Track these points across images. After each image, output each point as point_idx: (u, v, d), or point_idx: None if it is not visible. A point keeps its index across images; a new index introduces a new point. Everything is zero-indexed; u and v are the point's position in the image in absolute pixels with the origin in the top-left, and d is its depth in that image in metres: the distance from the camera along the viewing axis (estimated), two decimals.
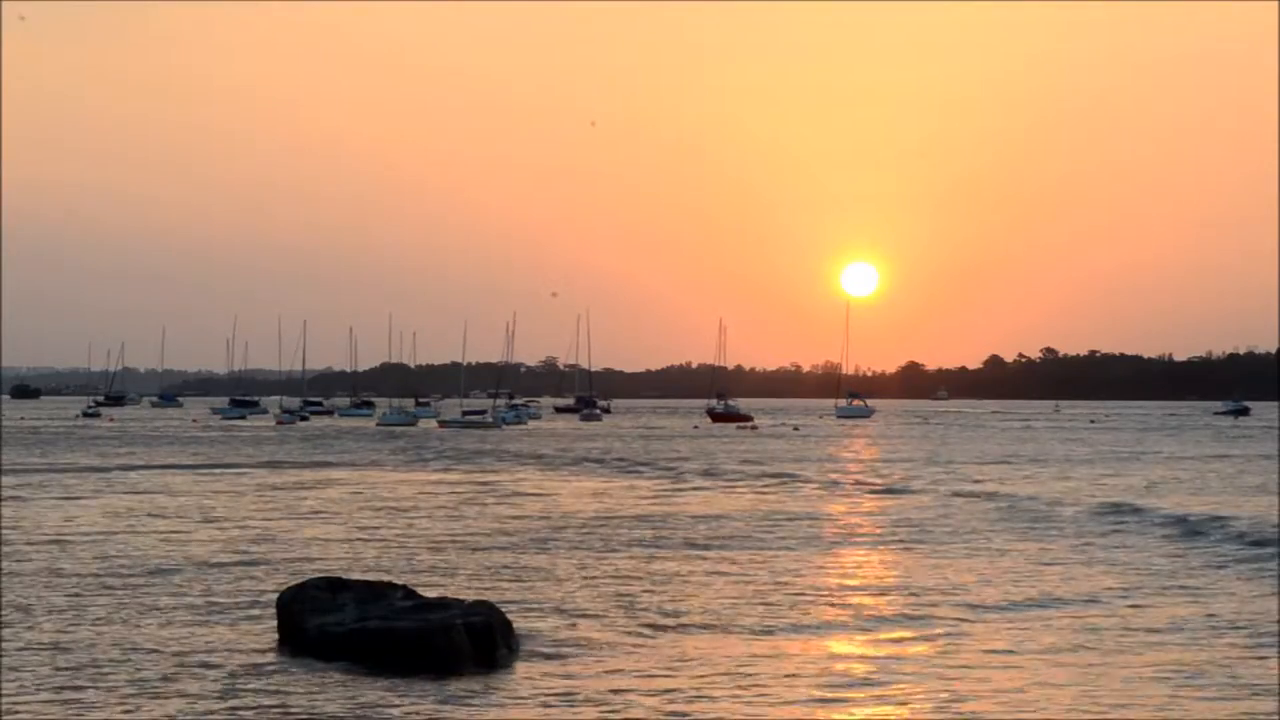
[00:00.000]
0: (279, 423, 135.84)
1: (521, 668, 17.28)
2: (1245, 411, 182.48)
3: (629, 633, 19.81)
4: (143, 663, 17.46)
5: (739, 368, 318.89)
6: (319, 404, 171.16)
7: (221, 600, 22.63)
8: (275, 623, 18.94)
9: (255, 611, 21.17)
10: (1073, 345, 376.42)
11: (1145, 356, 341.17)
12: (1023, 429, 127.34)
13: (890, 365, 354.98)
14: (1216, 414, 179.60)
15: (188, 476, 56.16)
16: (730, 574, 26.27)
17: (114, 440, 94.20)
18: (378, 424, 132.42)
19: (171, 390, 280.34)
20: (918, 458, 74.89)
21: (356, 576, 21.90)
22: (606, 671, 17.17)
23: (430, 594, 20.31)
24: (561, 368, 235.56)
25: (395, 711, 15.17)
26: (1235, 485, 52.06)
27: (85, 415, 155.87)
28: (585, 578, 25.66)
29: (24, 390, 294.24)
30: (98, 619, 20.72)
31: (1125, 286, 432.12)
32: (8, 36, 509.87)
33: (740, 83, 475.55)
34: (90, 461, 67.10)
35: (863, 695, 15.98)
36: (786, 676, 16.87)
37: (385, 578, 22.52)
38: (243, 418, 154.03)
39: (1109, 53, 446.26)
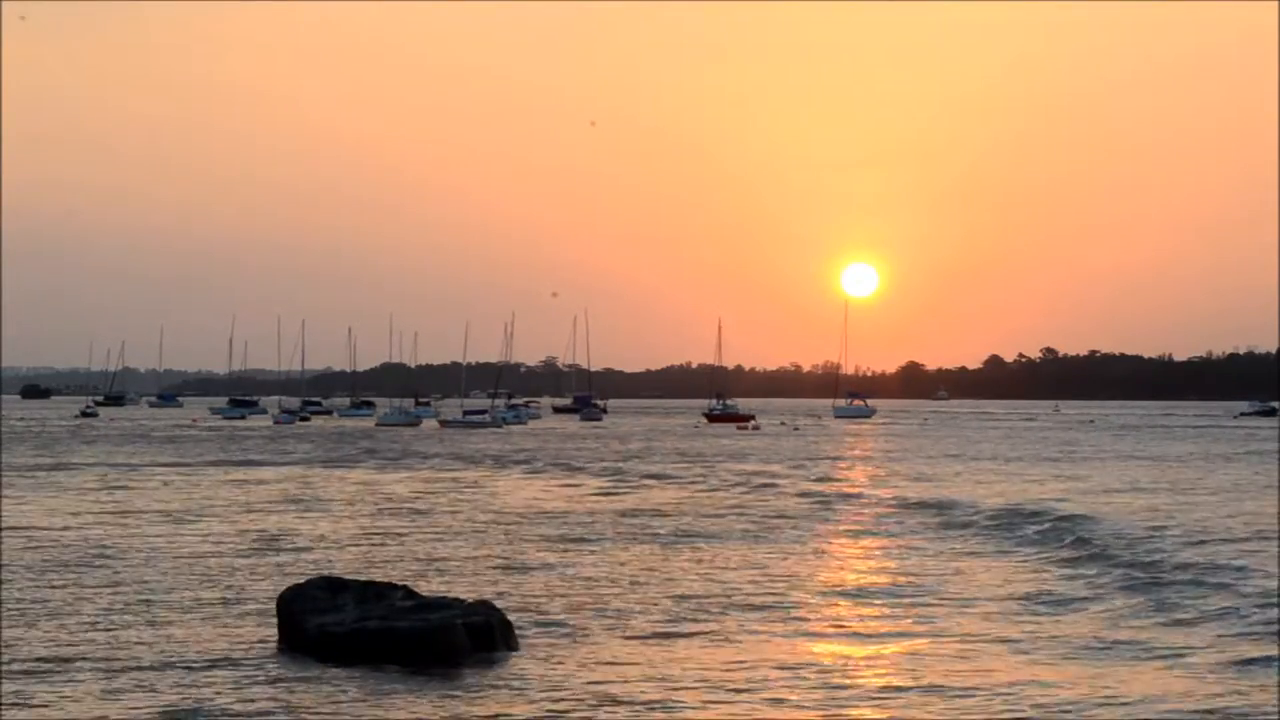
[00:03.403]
0: (277, 423, 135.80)
1: (522, 667, 17.24)
2: (1273, 412, 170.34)
3: (630, 632, 19.79)
4: (141, 662, 17.43)
5: (739, 368, 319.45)
6: (318, 404, 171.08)
7: (221, 599, 22.60)
8: (275, 622, 18.91)
9: (255, 611, 21.14)
10: (1073, 345, 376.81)
11: (1145, 356, 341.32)
12: (1017, 430, 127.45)
13: (890, 365, 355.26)
14: (1242, 415, 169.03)
15: (186, 475, 56.13)
16: (729, 569, 26.29)
17: (112, 439, 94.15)
18: (377, 424, 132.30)
19: (171, 390, 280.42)
20: (874, 457, 75.06)
21: (356, 576, 21.85)
22: (607, 669, 17.14)
23: (430, 594, 20.28)
24: (561, 367, 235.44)
25: (395, 712, 15.13)
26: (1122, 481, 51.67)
27: (83, 415, 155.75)
28: (586, 577, 25.63)
29: (35, 390, 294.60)
30: (95, 618, 20.68)
31: (1125, 286, 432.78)
32: (8, 36, 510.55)
33: (740, 83, 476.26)
34: (86, 460, 67.07)
35: (867, 697, 16.01)
36: (787, 672, 16.86)
37: (385, 577, 22.48)
38: (242, 418, 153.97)
39: (1108, 53, 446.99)
